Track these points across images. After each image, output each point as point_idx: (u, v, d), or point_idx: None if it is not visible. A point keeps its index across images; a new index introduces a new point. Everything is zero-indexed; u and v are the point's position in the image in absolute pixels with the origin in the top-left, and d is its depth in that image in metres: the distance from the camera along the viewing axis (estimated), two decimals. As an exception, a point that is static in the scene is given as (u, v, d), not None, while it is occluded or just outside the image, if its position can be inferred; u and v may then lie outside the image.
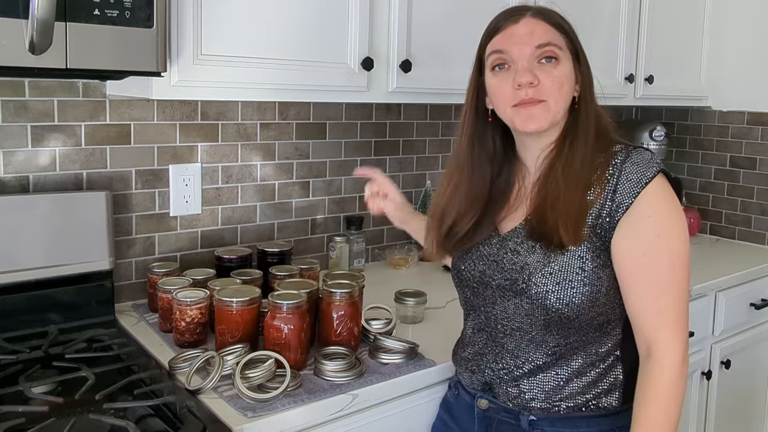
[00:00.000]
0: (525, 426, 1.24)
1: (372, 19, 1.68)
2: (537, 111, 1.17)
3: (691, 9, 2.61)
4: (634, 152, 1.17)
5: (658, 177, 1.14)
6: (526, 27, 1.18)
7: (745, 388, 2.46)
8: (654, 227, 1.13)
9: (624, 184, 1.14)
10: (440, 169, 2.37)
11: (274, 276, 1.64)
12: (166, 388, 1.30)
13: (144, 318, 1.66)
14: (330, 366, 1.35)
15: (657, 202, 1.13)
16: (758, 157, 2.68)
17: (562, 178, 1.17)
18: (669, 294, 1.13)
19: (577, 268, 1.15)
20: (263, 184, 1.97)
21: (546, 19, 1.20)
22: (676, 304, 1.13)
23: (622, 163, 1.15)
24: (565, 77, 1.18)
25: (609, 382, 1.21)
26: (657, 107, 2.90)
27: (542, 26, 1.18)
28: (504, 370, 1.25)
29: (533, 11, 1.20)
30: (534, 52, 1.17)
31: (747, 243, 2.73)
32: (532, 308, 1.19)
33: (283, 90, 1.59)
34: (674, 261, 1.13)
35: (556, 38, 1.18)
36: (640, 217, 1.13)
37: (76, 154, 1.64)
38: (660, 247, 1.13)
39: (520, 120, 1.19)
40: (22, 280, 1.51)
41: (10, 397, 1.26)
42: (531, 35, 1.17)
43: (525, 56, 1.17)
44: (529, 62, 1.17)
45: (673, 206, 1.15)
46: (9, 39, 1.15)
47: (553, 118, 1.19)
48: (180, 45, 1.38)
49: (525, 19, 1.19)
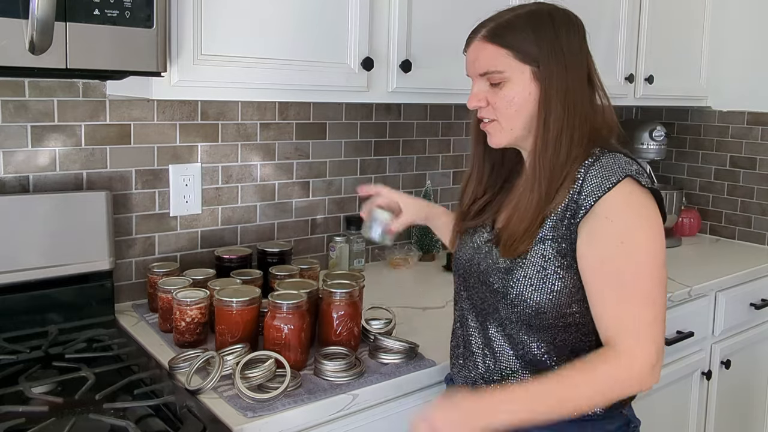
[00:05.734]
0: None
1: (372, 19, 1.68)
2: (491, 129, 1.23)
3: (691, 9, 2.61)
4: (606, 156, 1.15)
5: (625, 182, 1.12)
6: (473, 53, 1.22)
7: (745, 388, 2.46)
8: (615, 233, 1.11)
9: (587, 187, 1.13)
10: (440, 169, 2.37)
11: (274, 276, 1.64)
12: (166, 388, 1.30)
13: (144, 318, 1.66)
14: (330, 366, 1.35)
15: (618, 207, 1.11)
16: (758, 157, 2.68)
17: (527, 195, 1.18)
18: (633, 302, 1.10)
19: (539, 266, 1.16)
20: (263, 184, 1.97)
21: (494, 40, 1.18)
22: (642, 313, 1.09)
23: (590, 166, 1.15)
24: (512, 97, 1.17)
25: None
26: (657, 107, 2.90)
27: (487, 51, 1.19)
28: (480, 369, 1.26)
29: (485, 31, 1.19)
30: (481, 77, 1.20)
31: (747, 243, 2.73)
32: (496, 301, 1.21)
33: (283, 90, 1.59)
34: (639, 269, 1.10)
35: (500, 62, 1.17)
36: (601, 221, 1.12)
37: (76, 154, 1.64)
38: (621, 255, 1.10)
39: (486, 136, 1.25)
40: (22, 280, 1.51)
41: (10, 397, 1.26)
42: (475, 61, 1.21)
43: (476, 80, 1.22)
44: (479, 86, 1.22)
45: (639, 213, 1.12)
46: (9, 39, 1.15)
47: (512, 134, 1.21)
48: (180, 45, 1.38)
49: (473, 45, 1.22)
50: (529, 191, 1.17)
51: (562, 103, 1.15)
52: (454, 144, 2.41)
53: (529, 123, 1.19)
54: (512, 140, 1.22)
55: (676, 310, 2.07)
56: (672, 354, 2.08)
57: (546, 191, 1.16)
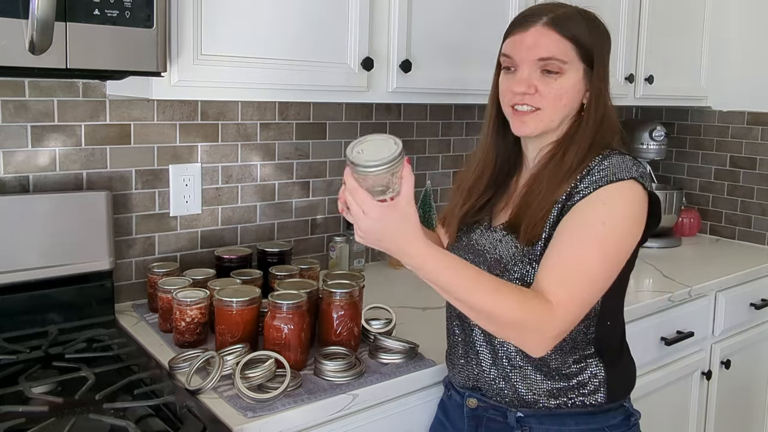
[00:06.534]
0: (513, 423, 1.25)
1: (372, 19, 1.68)
2: (529, 119, 1.21)
3: (691, 9, 2.61)
4: (615, 156, 1.18)
5: (630, 182, 1.14)
6: (533, 37, 1.19)
7: (745, 388, 2.46)
8: (601, 214, 1.13)
9: (590, 178, 1.16)
10: (440, 169, 2.37)
11: (274, 276, 1.64)
12: (166, 388, 1.30)
13: (144, 318, 1.66)
14: (330, 366, 1.35)
15: (614, 197, 1.14)
16: (758, 157, 2.68)
17: (546, 183, 1.19)
18: (578, 272, 1.10)
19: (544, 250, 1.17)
20: (263, 184, 1.97)
21: (558, 28, 1.19)
22: (580, 287, 1.10)
23: (599, 163, 1.17)
24: (566, 90, 1.19)
25: (591, 378, 1.22)
26: (657, 107, 2.90)
27: (550, 37, 1.18)
28: (483, 365, 1.27)
29: (547, 19, 1.19)
30: (536, 63, 1.19)
31: (747, 243, 2.73)
32: None
33: (283, 90, 1.59)
34: (606, 253, 1.12)
35: (563, 51, 1.18)
36: (593, 201, 1.14)
37: (76, 154, 1.64)
38: (595, 232, 1.12)
39: (514, 123, 1.24)
40: (22, 280, 1.51)
41: (10, 397, 1.26)
42: (535, 47, 1.19)
43: (526, 65, 1.20)
44: (530, 72, 1.20)
45: (631, 210, 1.15)
46: (9, 39, 1.15)
47: (546, 126, 1.22)
48: (180, 45, 1.38)
49: (534, 28, 1.20)
50: (546, 183, 1.19)
51: (599, 105, 1.21)
52: (454, 144, 2.41)
53: (566, 118, 1.22)
54: (545, 131, 1.23)
55: (676, 310, 2.07)
56: (672, 354, 2.08)
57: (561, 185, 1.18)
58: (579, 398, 1.22)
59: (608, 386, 1.23)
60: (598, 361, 1.23)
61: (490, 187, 1.31)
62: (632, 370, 1.33)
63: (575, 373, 1.22)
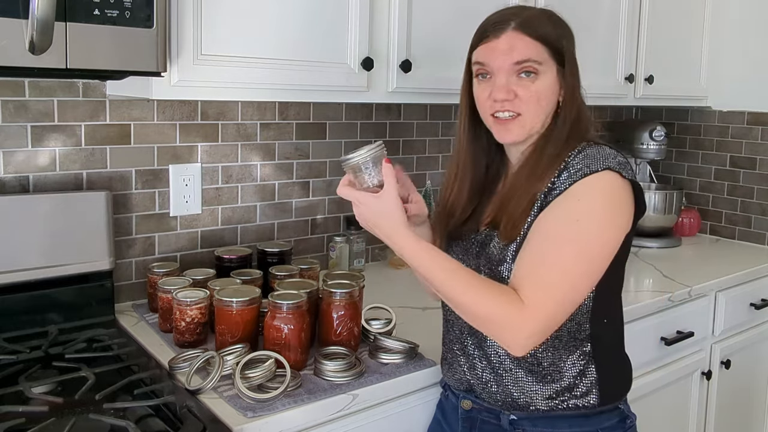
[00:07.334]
0: (506, 425, 1.25)
1: (372, 19, 1.68)
2: (512, 126, 1.22)
3: (691, 9, 2.61)
4: (591, 147, 1.19)
5: (604, 173, 1.14)
6: (506, 42, 1.20)
7: (745, 388, 2.46)
8: (576, 211, 1.13)
9: (567, 172, 1.16)
10: (440, 169, 2.37)
11: (274, 276, 1.64)
12: (166, 388, 1.30)
13: (144, 318, 1.66)
14: (330, 366, 1.35)
15: (589, 191, 1.14)
16: (758, 157, 2.68)
17: (525, 179, 1.20)
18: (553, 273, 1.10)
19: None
20: (263, 184, 1.97)
21: (529, 31, 1.19)
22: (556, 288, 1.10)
23: (574, 157, 1.18)
24: (544, 91, 1.20)
25: (583, 380, 1.22)
26: (657, 107, 2.90)
27: (523, 41, 1.19)
28: (476, 368, 1.27)
29: (517, 23, 1.20)
30: (513, 68, 1.19)
31: (747, 243, 2.73)
32: None
33: (283, 90, 1.59)
34: (581, 250, 1.11)
35: (537, 53, 1.19)
36: (569, 198, 1.14)
37: (76, 154, 1.64)
38: (571, 230, 1.12)
39: (497, 132, 1.24)
40: (22, 280, 1.51)
41: (10, 397, 1.26)
42: (511, 51, 1.19)
43: (503, 71, 1.20)
44: (507, 77, 1.20)
45: (609, 202, 1.14)
46: (9, 39, 1.15)
47: (529, 131, 1.22)
48: (180, 45, 1.38)
49: (506, 33, 1.20)
50: (525, 178, 1.20)
51: (573, 102, 1.22)
52: (454, 144, 2.40)
53: (545, 119, 1.22)
54: (528, 135, 1.23)
55: (676, 310, 2.07)
56: (672, 354, 2.08)
57: (541, 179, 1.18)
58: (572, 400, 1.21)
59: (600, 388, 1.22)
60: (590, 362, 1.22)
61: (474, 197, 1.31)
62: (627, 372, 1.32)
63: (567, 374, 1.21)
